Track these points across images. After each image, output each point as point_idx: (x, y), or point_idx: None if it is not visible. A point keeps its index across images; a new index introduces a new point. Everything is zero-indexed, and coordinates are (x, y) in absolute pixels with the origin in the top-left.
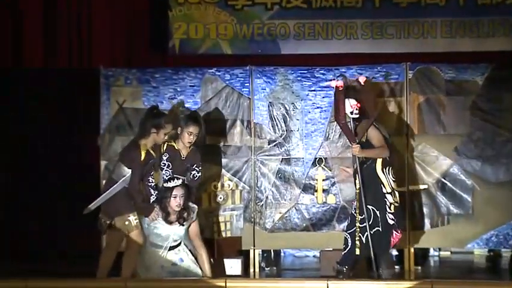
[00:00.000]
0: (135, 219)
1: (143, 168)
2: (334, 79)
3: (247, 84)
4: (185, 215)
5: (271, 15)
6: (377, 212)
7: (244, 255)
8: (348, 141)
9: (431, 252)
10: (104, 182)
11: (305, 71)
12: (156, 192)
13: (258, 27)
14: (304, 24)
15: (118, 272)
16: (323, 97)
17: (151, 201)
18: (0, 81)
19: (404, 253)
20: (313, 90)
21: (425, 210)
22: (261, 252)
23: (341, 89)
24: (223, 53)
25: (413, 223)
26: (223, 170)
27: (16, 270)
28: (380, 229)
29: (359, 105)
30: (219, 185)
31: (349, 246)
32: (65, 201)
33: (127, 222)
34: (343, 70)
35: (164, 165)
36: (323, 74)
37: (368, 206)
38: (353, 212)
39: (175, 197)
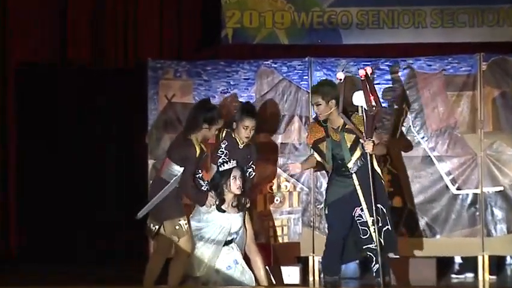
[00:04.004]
0: (185, 224)
1: (197, 164)
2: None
3: (306, 77)
4: (244, 200)
5: (332, 3)
6: (384, 210)
7: (303, 263)
8: (364, 135)
9: (508, 260)
10: (150, 182)
11: (369, 63)
12: (206, 182)
13: (318, 16)
14: (368, 12)
15: (165, 279)
16: (388, 91)
17: (203, 190)
18: (47, 79)
19: (478, 261)
20: (378, 84)
21: (500, 214)
22: (321, 260)
23: (363, 78)
24: (280, 43)
25: (487, 228)
26: (279, 170)
27: (62, 275)
28: (390, 227)
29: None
30: (275, 186)
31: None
32: (111, 203)
33: (177, 227)
34: (410, 62)
35: (222, 153)
36: (389, 66)
37: (378, 205)
38: (362, 218)
39: (234, 179)
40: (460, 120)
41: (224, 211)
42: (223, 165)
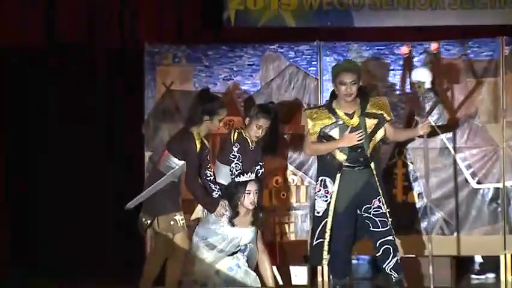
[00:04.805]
0: (181, 219)
1: (199, 159)
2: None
3: (315, 63)
4: (260, 215)
5: None
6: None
7: None
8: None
9: None
10: (147, 175)
11: (383, 47)
12: (218, 187)
13: None
14: None
15: (163, 281)
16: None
17: (214, 196)
18: (32, 60)
19: (500, 260)
20: (392, 70)
21: None
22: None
23: (406, 54)
24: (287, 26)
25: (510, 225)
26: (286, 163)
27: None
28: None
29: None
30: (282, 180)
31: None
32: (103, 197)
33: (172, 222)
34: (427, 46)
35: (234, 158)
36: None
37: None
38: (381, 209)
39: (248, 193)
40: (481, 109)
41: (235, 225)
42: (239, 177)
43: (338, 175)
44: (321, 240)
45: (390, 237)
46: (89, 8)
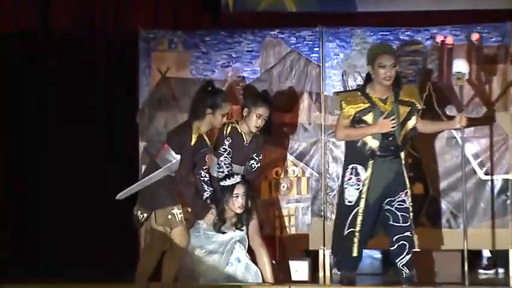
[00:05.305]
0: (180, 213)
1: (193, 156)
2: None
3: (317, 49)
4: (244, 218)
5: None
6: None
7: (312, 257)
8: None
9: None
10: (144, 167)
11: (387, 33)
12: (211, 189)
13: None
14: None
15: (159, 277)
16: (409, 64)
17: (205, 198)
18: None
19: (510, 254)
20: (398, 56)
21: None
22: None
23: (450, 45)
24: (288, 11)
25: None
26: (286, 153)
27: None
28: None
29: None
30: (282, 171)
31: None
32: (103, 197)
33: (170, 216)
34: (434, 31)
35: (224, 151)
36: (409, 36)
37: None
38: (405, 203)
39: (236, 197)
40: (488, 98)
41: (224, 232)
42: (226, 180)
43: (371, 162)
44: (352, 229)
45: (408, 233)
46: None
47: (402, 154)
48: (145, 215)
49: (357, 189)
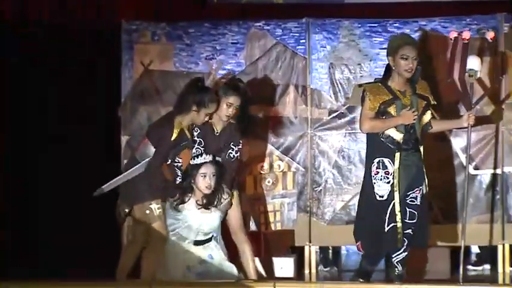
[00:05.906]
0: (158, 208)
1: (172, 149)
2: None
3: (303, 41)
4: (214, 199)
5: None
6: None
7: (298, 253)
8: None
9: None
10: (125, 162)
11: (375, 24)
12: (182, 175)
13: None
14: None
15: (138, 273)
16: None
17: (177, 183)
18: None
19: (498, 250)
20: (385, 48)
21: None
22: (318, 250)
23: (466, 40)
24: (273, 2)
25: (508, 214)
26: (271, 147)
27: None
28: None
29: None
30: (267, 165)
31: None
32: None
33: (147, 211)
34: (423, 23)
35: (194, 142)
36: (398, 27)
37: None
38: (416, 200)
39: (203, 176)
40: (479, 90)
41: (179, 211)
42: (195, 159)
43: (397, 154)
44: (393, 224)
45: (410, 231)
46: None
47: (421, 148)
48: (127, 210)
49: (388, 182)
